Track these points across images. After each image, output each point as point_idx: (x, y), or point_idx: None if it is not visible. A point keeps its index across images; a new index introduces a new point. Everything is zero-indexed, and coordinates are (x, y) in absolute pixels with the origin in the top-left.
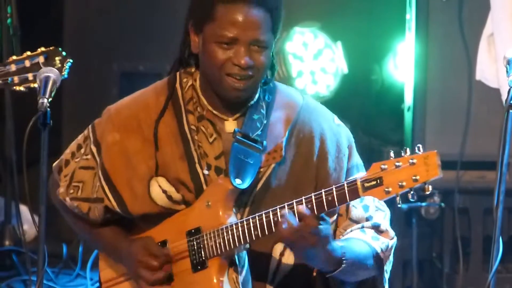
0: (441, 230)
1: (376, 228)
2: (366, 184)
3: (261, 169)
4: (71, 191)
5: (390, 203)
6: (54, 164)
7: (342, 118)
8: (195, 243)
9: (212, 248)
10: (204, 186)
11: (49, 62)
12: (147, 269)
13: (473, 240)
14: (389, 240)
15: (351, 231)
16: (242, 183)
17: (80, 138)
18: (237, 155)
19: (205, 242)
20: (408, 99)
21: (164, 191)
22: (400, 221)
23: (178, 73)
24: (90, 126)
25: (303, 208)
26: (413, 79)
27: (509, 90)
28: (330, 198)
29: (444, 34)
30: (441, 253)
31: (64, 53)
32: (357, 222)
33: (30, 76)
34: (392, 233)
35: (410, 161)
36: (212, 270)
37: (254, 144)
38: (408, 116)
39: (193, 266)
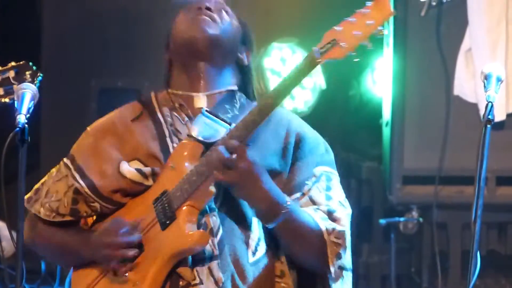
0: (419, 245)
1: (330, 214)
2: (321, 50)
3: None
4: (45, 199)
5: (369, 218)
6: (25, 198)
7: (320, 133)
8: (160, 204)
9: (178, 198)
10: None
11: (19, 76)
12: (110, 248)
13: (452, 255)
14: (337, 225)
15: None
16: (204, 137)
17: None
18: (202, 123)
19: (171, 197)
20: (386, 114)
21: (135, 169)
22: (379, 236)
23: (153, 91)
24: None
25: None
26: (391, 94)
27: (487, 105)
28: (289, 79)
29: (422, 49)
30: (419, 268)
31: (34, 68)
32: (315, 203)
33: (0, 91)
34: (344, 223)
35: (363, 11)
36: (180, 220)
37: (221, 123)
38: (386, 131)
39: (161, 225)
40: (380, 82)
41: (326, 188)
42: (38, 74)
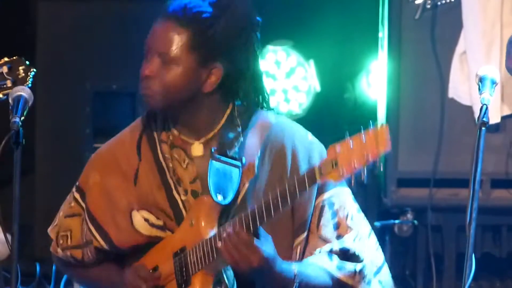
0: (414, 248)
1: (344, 253)
2: (323, 170)
3: (240, 186)
4: (61, 241)
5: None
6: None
7: (314, 136)
8: (179, 261)
9: (195, 264)
10: (183, 212)
11: (12, 72)
12: None
13: (446, 258)
14: (356, 264)
15: (320, 252)
16: (223, 199)
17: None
18: (215, 172)
19: (188, 259)
20: (381, 117)
21: (146, 220)
22: None
23: (147, 119)
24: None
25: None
26: (386, 97)
27: (482, 107)
28: (291, 189)
29: (416, 52)
30: (414, 271)
31: (27, 63)
32: (326, 240)
33: None
34: (363, 256)
35: (361, 140)
36: (195, 287)
37: (232, 161)
38: None
39: (178, 285)
40: (374, 85)
41: (332, 216)
42: (32, 69)
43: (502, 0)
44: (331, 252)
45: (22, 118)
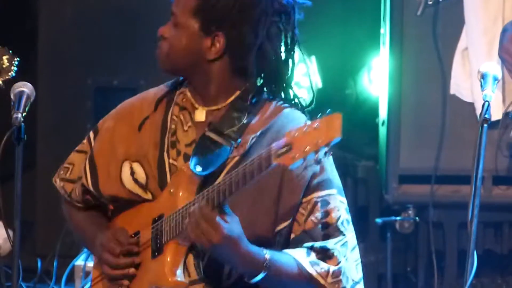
0: (415, 244)
1: (324, 252)
2: (279, 152)
3: (227, 161)
4: (61, 172)
5: (365, 217)
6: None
7: None
8: (155, 229)
9: (168, 233)
10: (168, 175)
11: None
12: (110, 253)
13: (448, 254)
14: (331, 266)
15: (301, 247)
16: (202, 170)
17: None
18: (204, 143)
19: (163, 227)
20: (383, 113)
21: (132, 173)
22: (375, 235)
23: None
24: None
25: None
26: (388, 93)
27: (483, 104)
28: (248, 168)
29: (418, 49)
30: (415, 267)
31: (10, 52)
32: (311, 237)
33: None
34: (340, 258)
35: (314, 125)
36: (166, 256)
37: (224, 139)
38: (382, 130)
39: (152, 252)
40: (376, 81)
41: (322, 215)
42: (15, 58)
43: None
44: (311, 248)
45: (24, 114)
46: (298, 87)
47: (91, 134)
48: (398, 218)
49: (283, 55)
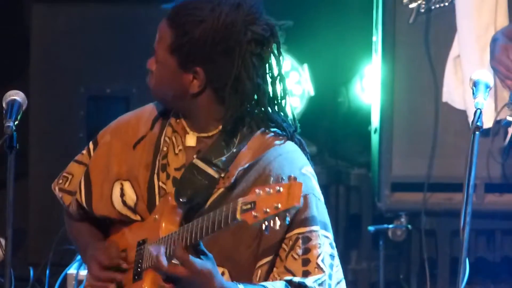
0: (408, 252)
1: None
2: (244, 207)
3: (213, 191)
4: (60, 181)
5: (357, 225)
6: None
7: (308, 141)
8: (138, 252)
9: (148, 259)
10: (157, 198)
11: None
12: (97, 264)
13: (440, 262)
14: None
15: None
16: (186, 201)
17: None
18: (190, 172)
19: (145, 253)
20: (375, 121)
21: (122, 195)
22: (367, 243)
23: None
24: None
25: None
26: (380, 101)
27: (476, 111)
28: (218, 218)
29: (410, 56)
30: (408, 275)
31: None
32: (291, 273)
33: None
34: None
35: (277, 188)
36: (144, 284)
37: (213, 168)
38: (375, 138)
39: (133, 276)
40: (368, 89)
41: (303, 251)
42: None
43: (496, 4)
44: (289, 282)
45: (16, 122)
46: (290, 95)
47: (91, 145)
48: (390, 226)
49: (269, 80)
